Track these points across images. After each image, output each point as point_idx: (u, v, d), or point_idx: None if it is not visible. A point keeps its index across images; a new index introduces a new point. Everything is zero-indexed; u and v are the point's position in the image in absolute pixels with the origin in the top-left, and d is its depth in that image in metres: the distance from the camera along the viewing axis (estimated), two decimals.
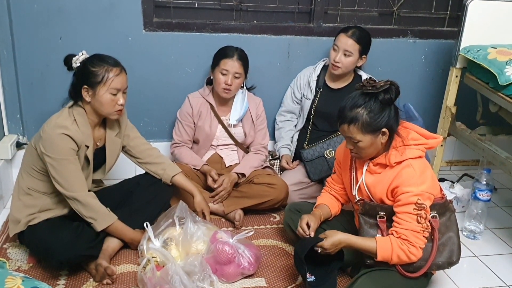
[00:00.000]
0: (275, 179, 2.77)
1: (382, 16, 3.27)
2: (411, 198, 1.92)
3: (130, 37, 2.88)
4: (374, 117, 1.92)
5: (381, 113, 1.93)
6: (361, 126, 1.93)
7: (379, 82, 1.94)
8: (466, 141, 2.87)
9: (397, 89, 1.94)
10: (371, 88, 1.92)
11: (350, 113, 1.94)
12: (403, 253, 1.95)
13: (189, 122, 2.85)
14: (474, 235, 2.69)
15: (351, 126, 1.94)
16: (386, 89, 1.91)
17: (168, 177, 2.46)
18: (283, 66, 3.14)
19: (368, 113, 1.92)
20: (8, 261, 2.22)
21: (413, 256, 1.95)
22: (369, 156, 2.04)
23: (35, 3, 2.71)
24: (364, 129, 1.93)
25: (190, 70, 3.03)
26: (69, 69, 2.21)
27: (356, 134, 1.95)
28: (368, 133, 1.94)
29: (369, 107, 1.92)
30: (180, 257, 2.21)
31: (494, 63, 2.55)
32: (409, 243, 1.94)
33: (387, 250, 1.96)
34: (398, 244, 1.95)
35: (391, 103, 1.95)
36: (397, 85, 1.95)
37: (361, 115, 1.92)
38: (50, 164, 2.11)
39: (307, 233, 2.10)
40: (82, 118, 2.18)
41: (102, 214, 2.20)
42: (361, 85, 1.96)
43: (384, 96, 1.91)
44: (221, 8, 3.06)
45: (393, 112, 1.96)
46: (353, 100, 1.95)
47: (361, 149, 1.99)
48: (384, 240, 1.98)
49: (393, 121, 1.97)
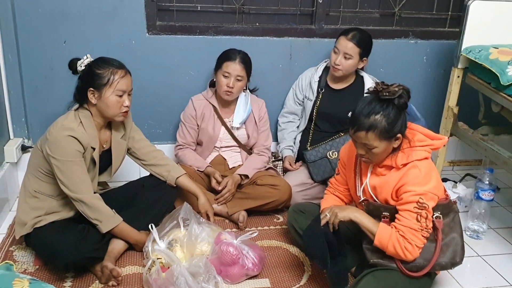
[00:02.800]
0: (278, 180, 2.79)
1: (383, 17, 3.28)
2: (412, 197, 1.93)
3: (133, 41, 2.90)
4: (392, 123, 1.91)
5: (397, 119, 1.92)
6: (379, 133, 1.91)
7: (392, 86, 1.91)
8: (468, 141, 2.87)
9: (408, 93, 1.94)
10: (387, 94, 1.89)
11: (368, 120, 1.91)
12: (398, 245, 1.95)
13: (192, 124, 2.86)
14: (478, 235, 2.70)
15: (369, 133, 1.91)
16: (400, 94, 1.91)
17: (173, 179, 2.48)
18: (285, 68, 3.15)
19: (386, 120, 1.90)
20: (15, 263, 2.23)
21: (408, 253, 1.95)
22: (380, 161, 2.03)
23: (39, 8, 2.74)
24: (382, 136, 1.92)
25: (193, 73, 3.04)
26: (74, 73, 2.23)
27: (373, 141, 1.93)
28: (385, 139, 1.93)
29: (387, 114, 1.90)
30: (185, 258, 2.22)
31: (496, 63, 2.56)
32: (405, 239, 1.95)
33: (385, 237, 1.97)
34: (396, 236, 1.96)
35: (406, 108, 1.94)
36: (408, 89, 1.94)
37: (379, 122, 1.90)
38: (56, 166, 2.13)
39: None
40: (88, 120, 2.20)
41: (107, 216, 2.21)
42: (374, 89, 1.93)
43: (399, 101, 1.90)
44: (224, 11, 3.07)
45: (404, 116, 1.96)
46: (370, 106, 1.92)
47: (374, 155, 1.98)
48: (385, 227, 1.99)
49: (404, 124, 1.97)
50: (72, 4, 2.76)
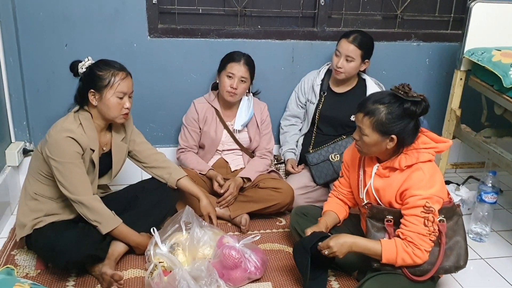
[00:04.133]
0: (281, 183, 2.78)
1: (385, 20, 3.28)
2: (419, 201, 1.92)
3: (135, 44, 2.90)
4: (390, 120, 1.92)
5: (399, 120, 1.92)
6: (374, 122, 1.93)
7: (414, 92, 1.93)
8: (471, 144, 2.86)
9: (426, 107, 1.93)
10: (402, 93, 1.92)
11: (372, 105, 1.94)
12: (407, 255, 1.95)
13: (194, 127, 2.86)
14: (480, 237, 2.69)
15: (365, 118, 1.95)
16: (415, 101, 1.90)
17: (174, 181, 2.47)
18: (288, 71, 3.15)
19: (386, 114, 1.92)
20: (16, 267, 2.23)
21: (418, 258, 1.95)
22: (370, 154, 2.05)
23: (40, 11, 2.74)
24: (376, 127, 1.93)
25: (195, 76, 3.04)
26: (75, 75, 2.23)
27: (367, 127, 1.95)
28: (377, 132, 1.94)
29: (391, 109, 1.92)
30: (187, 262, 2.21)
31: (498, 65, 2.55)
32: (414, 245, 1.94)
33: (391, 253, 1.96)
34: (403, 247, 1.95)
35: (413, 116, 1.94)
36: (428, 103, 1.94)
37: (379, 112, 1.92)
38: (56, 167, 2.13)
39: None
40: (88, 122, 2.20)
41: (107, 217, 2.21)
42: (396, 87, 1.96)
43: (409, 106, 1.90)
44: (226, 14, 3.07)
45: (412, 126, 1.95)
46: (381, 95, 1.97)
47: (364, 144, 2.00)
48: (389, 242, 1.98)
49: (407, 134, 1.96)
50: (73, 7, 2.76)
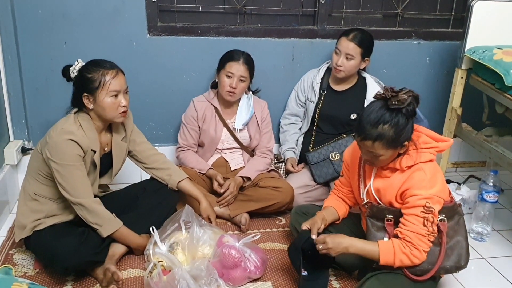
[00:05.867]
0: (281, 182, 2.77)
1: (386, 18, 3.27)
2: (419, 201, 1.91)
3: (134, 42, 2.89)
4: (399, 132, 1.87)
5: (405, 127, 1.88)
6: (386, 142, 1.88)
7: (401, 94, 1.86)
8: (472, 143, 2.85)
9: (417, 98, 1.90)
10: (397, 103, 1.85)
11: (375, 130, 1.87)
12: (405, 257, 1.93)
13: (194, 125, 2.84)
14: (482, 237, 2.68)
15: (376, 143, 1.88)
16: (409, 102, 1.87)
17: (174, 183, 2.46)
18: (288, 69, 3.13)
19: (394, 130, 1.86)
20: (15, 267, 2.22)
21: (416, 259, 1.94)
22: (385, 164, 2.01)
23: (39, 9, 2.72)
24: (389, 145, 1.89)
25: (194, 74, 3.03)
26: (68, 80, 2.21)
27: (380, 150, 1.90)
28: (391, 148, 1.91)
29: (395, 123, 1.86)
30: (186, 262, 2.21)
31: (500, 64, 2.54)
32: (412, 245, 1.93)
33: (389, 255, 1.95)
34: (400, 248, 1.94)
35: (414, 114, 1.91)
36: (417, 95, 1.90)
37: (387, 132, 1.86)
38: (56, 170, 2.11)
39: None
40: (87, 123, 2.19)
41: (107, 220, 2.19)
42: (382, 95, 1.89)
43: (408, 110, 1.86)
44: (225, 12, 3.06)
45: (412, 122, 1.93)
46: (377, 115, 1.87)
47: (380, 161, 1.96)
48: (386, 244, 1.97)
49: (412, 131, 1.95)
50: (72, 5, 2.75)
